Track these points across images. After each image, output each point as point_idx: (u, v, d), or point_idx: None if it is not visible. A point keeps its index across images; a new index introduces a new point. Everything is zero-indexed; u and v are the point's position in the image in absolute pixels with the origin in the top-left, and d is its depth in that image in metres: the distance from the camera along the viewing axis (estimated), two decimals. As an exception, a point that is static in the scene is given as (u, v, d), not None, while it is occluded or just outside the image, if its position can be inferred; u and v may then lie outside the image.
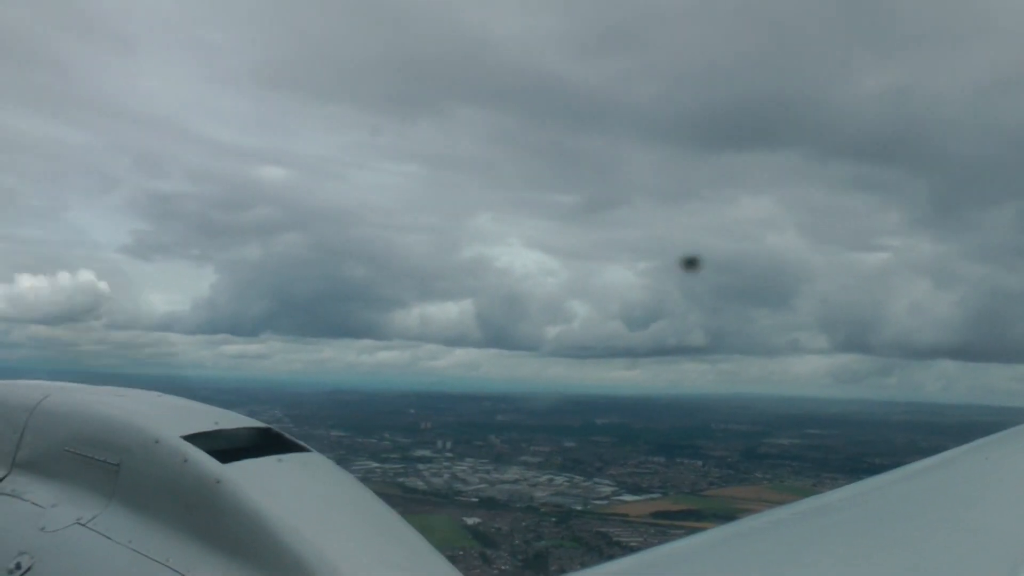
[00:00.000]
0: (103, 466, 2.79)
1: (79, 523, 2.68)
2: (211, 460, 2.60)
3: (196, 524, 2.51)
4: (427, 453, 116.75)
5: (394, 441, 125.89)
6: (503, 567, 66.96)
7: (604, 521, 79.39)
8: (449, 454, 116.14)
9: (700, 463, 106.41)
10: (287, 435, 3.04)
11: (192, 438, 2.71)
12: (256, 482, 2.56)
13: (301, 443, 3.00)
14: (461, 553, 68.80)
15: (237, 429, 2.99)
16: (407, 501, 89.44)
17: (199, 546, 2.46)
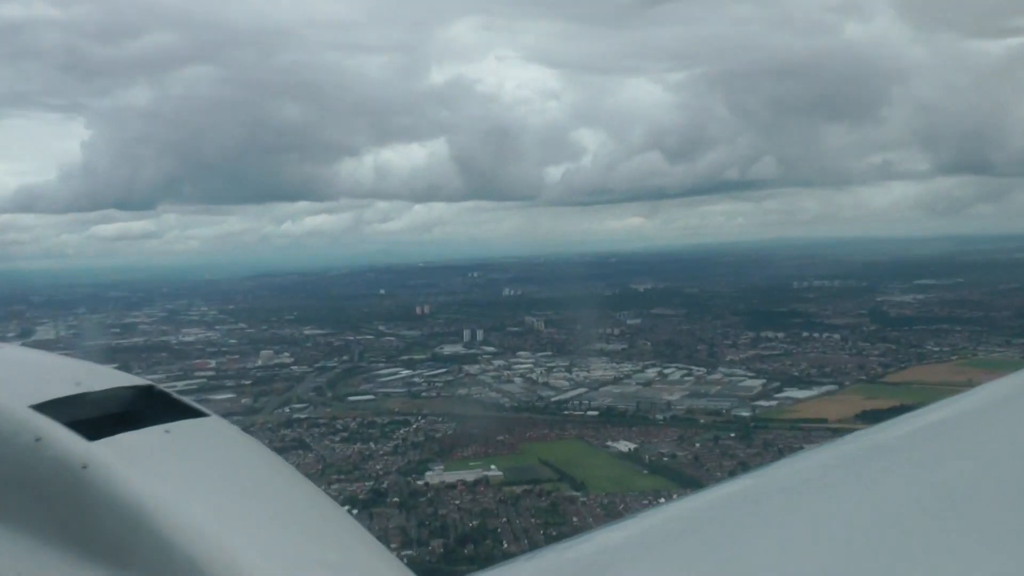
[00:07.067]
0: None
1: None
2: (73, 437, 1.88)
3: (57, 524, 1.80)
4: (459, 349, 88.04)
5: (399, 336, 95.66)
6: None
7: (801, 432, 56.63)
8: (491, 348, 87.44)
9: (836, 336, 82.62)
10: (175, 395, 2.12)
11: (47, 407, 1.93)
12: (136, 463, 1.83)
13: (194, 405, 2.08)
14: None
15: (108, 390, 2.08)
16: (507, 425, 62.56)
17: (61, 554, 1.72)
